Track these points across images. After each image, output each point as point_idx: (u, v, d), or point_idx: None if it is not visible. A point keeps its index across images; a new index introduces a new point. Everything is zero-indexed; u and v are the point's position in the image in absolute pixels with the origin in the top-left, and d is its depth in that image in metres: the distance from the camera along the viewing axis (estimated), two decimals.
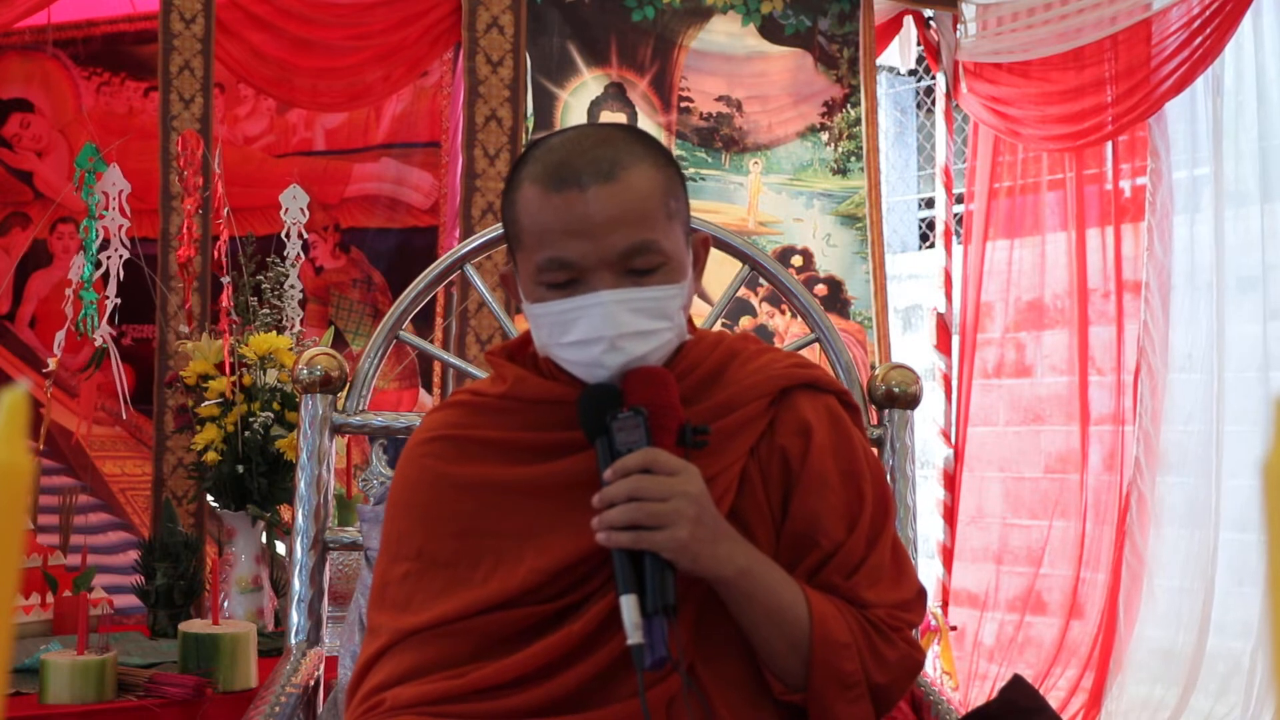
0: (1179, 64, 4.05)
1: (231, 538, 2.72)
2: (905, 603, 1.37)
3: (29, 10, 3.43)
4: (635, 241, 1.29)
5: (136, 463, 3.65)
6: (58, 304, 3.69)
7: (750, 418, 1.36)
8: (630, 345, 1.30)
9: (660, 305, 1.31)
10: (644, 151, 1.34)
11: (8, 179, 3.78)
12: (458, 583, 1.34)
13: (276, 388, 2.68)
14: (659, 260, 1.31)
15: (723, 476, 1.33)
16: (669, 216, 1.33)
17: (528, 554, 1.33)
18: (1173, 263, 4.21)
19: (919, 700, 1.66)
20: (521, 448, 1.38)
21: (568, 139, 1.36)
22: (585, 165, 1.30)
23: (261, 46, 3.62)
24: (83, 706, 2.10)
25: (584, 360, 1.31)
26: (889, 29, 4.50)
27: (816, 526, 1.35)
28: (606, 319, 1.29)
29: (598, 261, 1.29)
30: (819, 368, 1.46)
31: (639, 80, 4.06)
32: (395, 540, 1.41)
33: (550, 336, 1.33)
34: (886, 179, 5.01)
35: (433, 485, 1.40)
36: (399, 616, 1.35)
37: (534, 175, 1.32)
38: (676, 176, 1.36)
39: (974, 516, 4.63)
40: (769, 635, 1.30)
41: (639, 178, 1.31)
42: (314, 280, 3.90)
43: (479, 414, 1.41)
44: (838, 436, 1.39)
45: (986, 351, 4.65)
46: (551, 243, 1.30)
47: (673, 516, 1.24)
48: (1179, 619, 4.09)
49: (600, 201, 1.29)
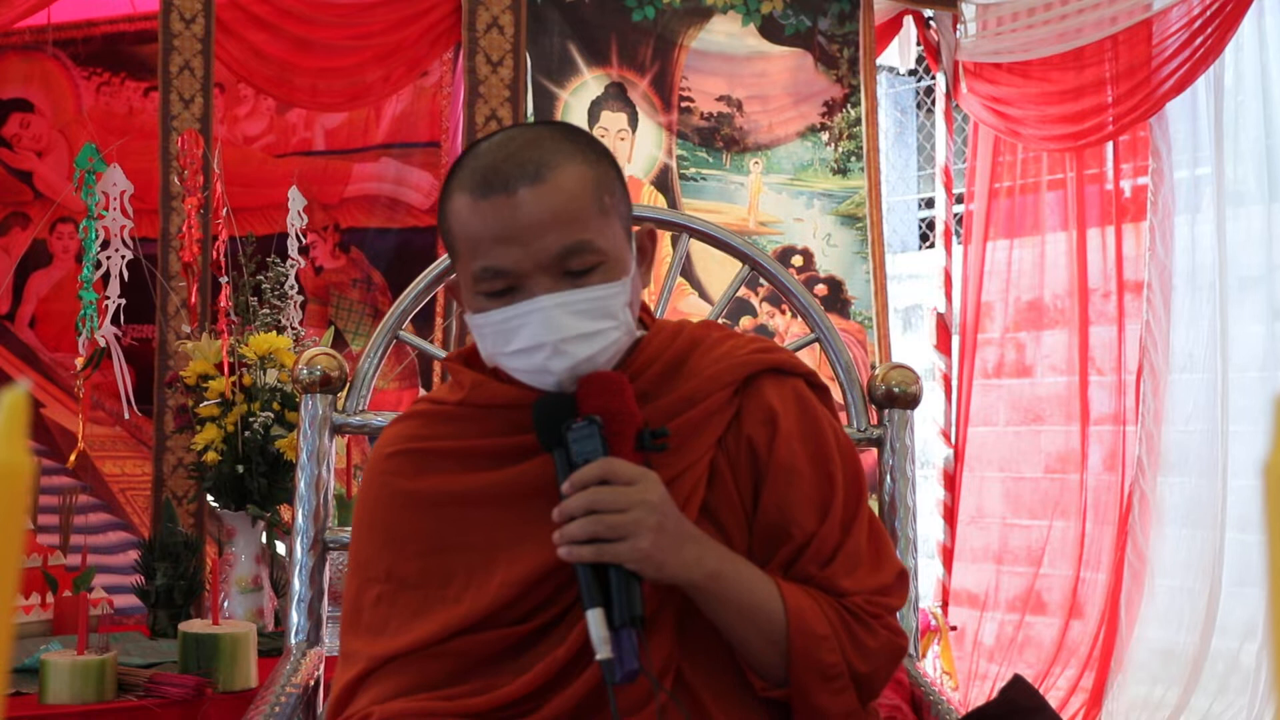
0: (1180, 64, 4.04)
1: (231, 538, 2.71)
2: (885, 587, 1.34)
3: (29, 10, 3.43)
4: (569, 243, 1.26)
5: (136, 463, 3.65)
6: (58, 304, 3.69)
7: (715, 408, 1.33)
8: (575, 348, 1.26)
9: (602, 305, 1.27)
10: (573, 149, 1.30)
11: (8, 179, 3.78)
12: (431, 602, 1.32)
13: (276, 388, 2.68)
14: (596, 259, 1.27)
15: (691, 471, 1.31)
16: (603, 213, 1.29)
17: (498, 567, 1.30)
18: (1174, 263, 4.21)
19: (919, 700, 1.66)
20: (481, 454, 1.35)
21: (495, 143, 1.31)
22: (512, 169, 1.26)
23: (261, 46, 3.61)
24: (83, 706, 2.10)
25: (530, 368, 1.28)
26: (889, 29, 4.50)
27: (788, 517, 1.32)
28: (547, 324, 1.25)
29: (533, 266, 1.25)
30: (784, 350, 1.42)
31: (639, 80, 4.06)
32: (364, 562, 1.38)
33: (494, 346, 1.30)
34: (886, 179, 5.00)
35: (395, 504, 1.37)
36: (375, 642, 1.32)
37: (463, 183, 1.29)
38: (611, 172, 1.32)
39: (974, 516, 4.63)
40: (746, 634, 1.29)
41: (568, 177, 1.27)
42: (314, 280, 3.90)
43: (438, 423, 1.39)
44: (805, 421, 1.36)
45: (986, 351, 4.65)
46: (485, 251, 1.27)
47: (633, 527, 1.21)
48: (1180, 619, 4.09)
49: (529, 205, 1.25)
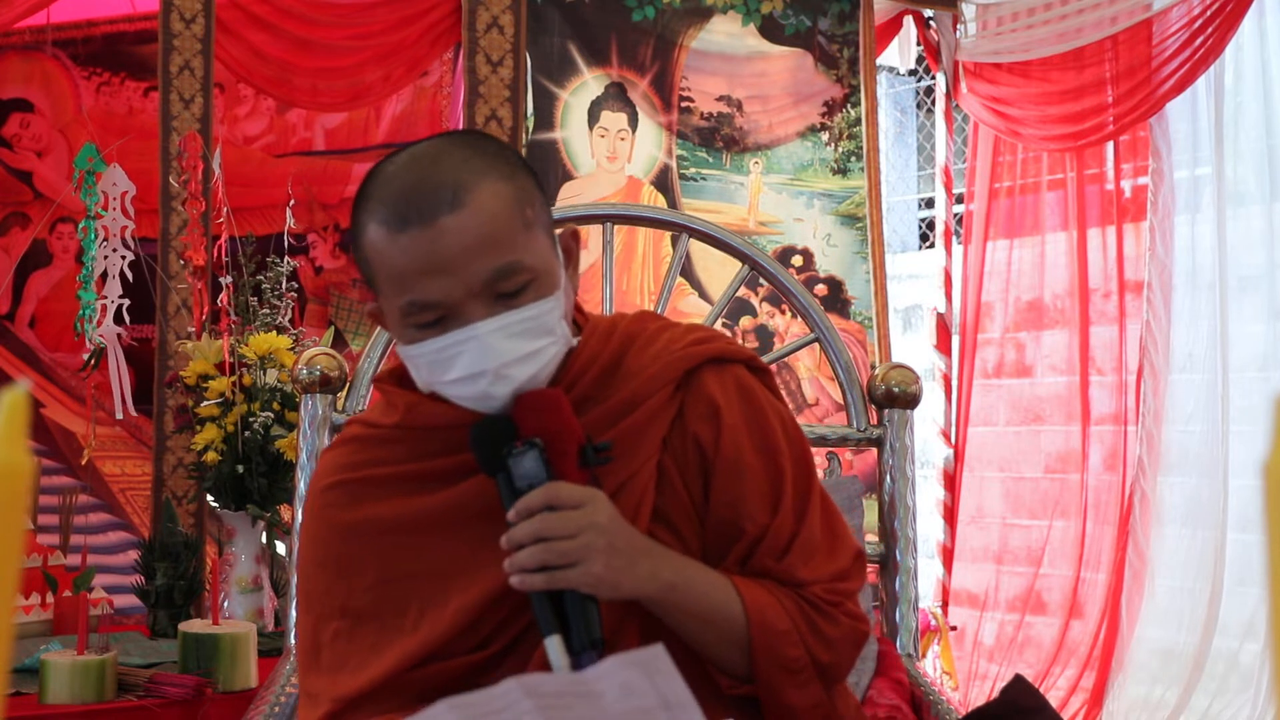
0: (1180, 64, 4.04)
1: (231, 538, 2.71)
2: (843, 572, 1.32)
3: (29, 10, 3.43)
4: (498, 265, 1.21)
5: (136, 463, 3.65)
6: (58, 304, 3.69)
7: (657, 409, 1.30)
8: (516, 371, 1.22)
9: (539, 323, 1.23)
10: (487, 165, 1.24)
11: (8, 179, 3.78)
12: (389, 633, 1.29)
13: (276, 388, 2.68)
14: (527, 278, 1.23)
15: (638, 476, 1.29)
16: (527, 228, 1.24)
17: (453, 593, 1.27)
18: (1174, 262, 4.21)
19: (919, 700, 1.66)
20: (423, 478, 1.31)
21: (402, 165, 1.24)
22: (427, 196, 1.20)
23: (261, 46, 3.61)
24: (83, 706, 2.10)
25: (471, 395, 1.24)
26: (889, 29, 4.50)
27: (740, 512, 1.30)
28: (485, 352, 1.21)
29: (464, 294, 1.20)
30: (722, 336, 1.39)
31: (639, 80, 4.06)
32: (316, 598, 1.34)
33: (431, 375, 1.25)
34: (886, 179, 5.00)
35: (339, 537, 1.33)
36: (336, 681, 1.29)
37: (376, 215, 1.22)
38: (528, 182, 1.27)
39: (974, 516, 4.63)
40: (707, 639, 1.28)
41: (487, 196, 1.21)
42: (314, 280, 3.90)
43: (373, 447, 1.35)
44: (749, 412, 1.33)
45: (986, 351, 4.65)
46: (410, 285, 1.21)
47: (583, 552, 1.18)
48: (1180, 619, 4.09)
49: (451, 233, 1.19)
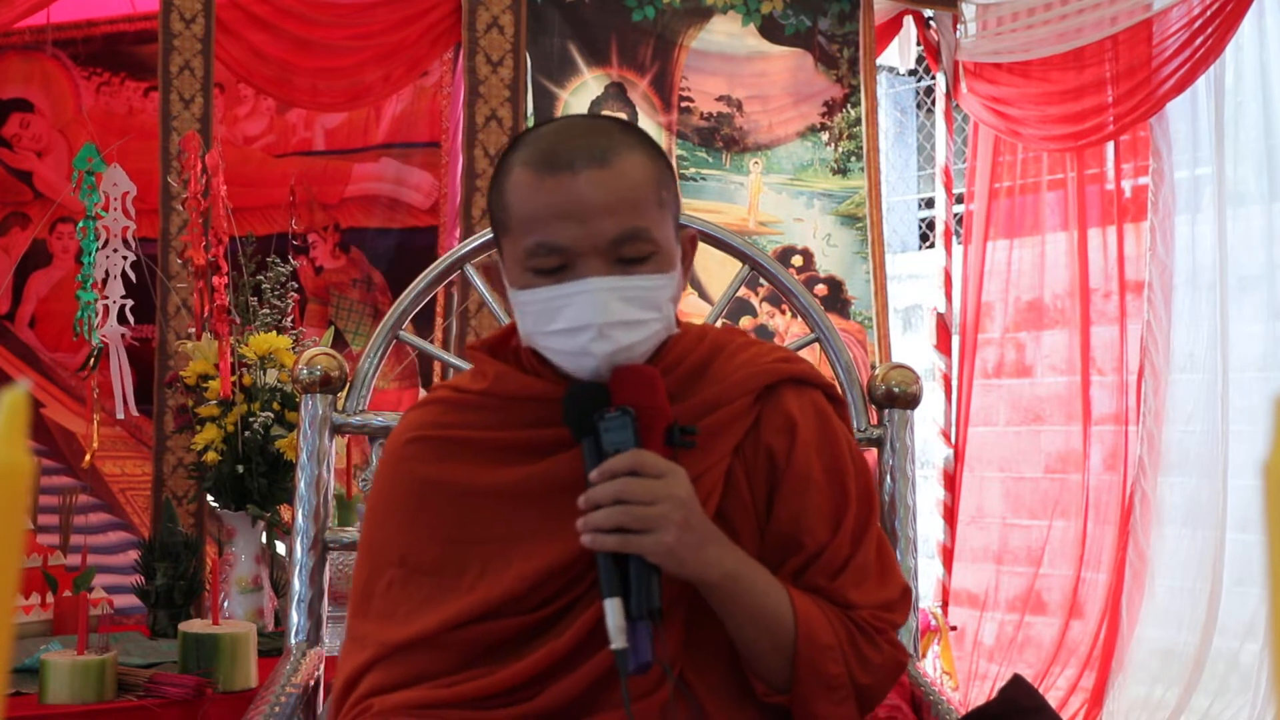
0: (1180, 64, 4.04)
1: (231, 538, 2.71)
2: (890, 603, 1.35)
3: (29, 10, 3.43)
4: (627, 228, 1.26)
5: (136, 463, 3.65)
6: (58, 304, 3.69)
7: (736, 415, 1.34)
8: (618, 334, 1.26)
9: (650, 295, 1.28)
10: (636, 141, 1.32)
11: (8, 179, 3.78)
12: (443, 590, 1.32)
13: (276, 388, 2.68)
14: (649, 249, 1.28)
15: (708, 476, 1.31)
16: (660, 206, 1.30)
17: (515, 559, 1.30)
18: (1175, 262, 4.21)
19: (919, 700, 1.66)
20: (503, 448, 1.34)
21: (559, 126, 1.34)
22: (579, 150, 1.27)
23: (261, 46, 3.61)
24: (83, 706, 2.10)
25: (570, 349, 1.28)
26: (889, 29, 4.50)
27: (801, 527, 1.33)
28: (595, 306, 1.25)
29: (588, 247, 1.26)
30: (805, 362, 1.43)
31: (639, 80, 4.06)
32: (378, 547, 1.38)
33: (536, 324, 1.29)
34: (886, 179, 5.00)
35: (414, 489, 1.36)
36: (385, 627, 1.32)
37: (525, 159, 1.29)
38: (667, 169, 1.34)
39: (974, 516, 4.63)
40: (753, 637, 1.29)
41: (632, 165, 1.28)
42: (314, 280, 3.90)
43: (459, 411, 1.38)
44: (823, 433, 1.36)
45: (986, 351, 4.65)
46: (541, 227, 1.27)
47: (659, 520, 1.21)
48: (1180, 619, 4.09)
49: (593, 185, 1.26)
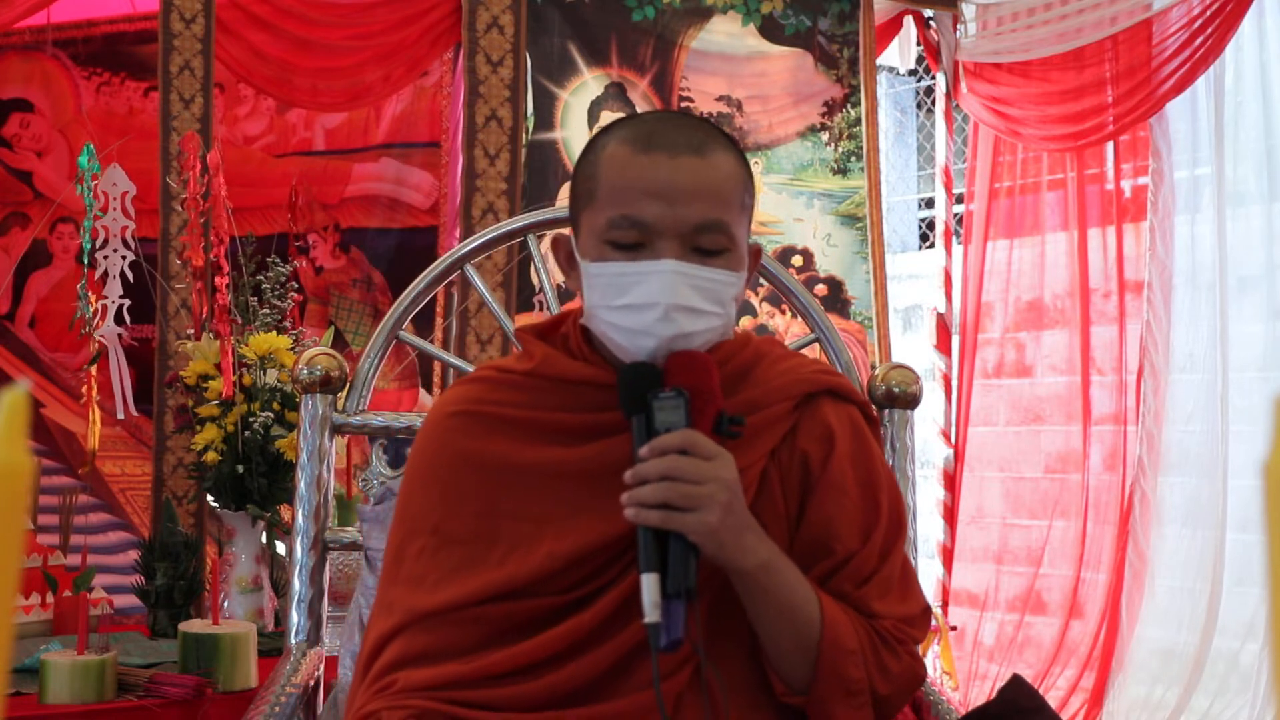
0: (1180, 64, 4.04)
1: (231, 538, 2.71)
2: (911, 618, 1.37)
3: (29, 10, 3.43)
4: (710, 218, 1.30)
5: (136, 463, 3.65)
6: (58, 304, 3.69)
7: (775, 419, 1.36)
8: (682, 319, 1.29)
9: (718, 289, 1.31)
10: (729, 144, 1.37)
11: (8, 179, 3.78)
12: (473, 561, 1.33)
13: (276, 388, 2.68)
14: (726, 244, 1.31)
15: (743, 475, 1.32)
16: (742, 209, 1.35)
17: (546, 538, 1.32)
18: (1174, 262, 4.21)
19: (919, 700, 1.66)
20: (545, 429, 1.36)
21: (661, 115, 1.44)
22: (679, 137, 1.32)
23: (261, 46, 3.61)
24: (83, 706, 2.10)
25: (633, 325, 1.30)
26: (889, 29, 4.50)
27: (832, 533, 1.35)
28: (666, 286, 1.28)
29: (670, 228, 1.29)
30: (844, 377, 1.46)
31: (639, 80, 4.06)
32: (413, 515, 1.39)
33: (603, 298, 1.32)
34: (886, 179, 5.00)
35: (453, 461, 1.38)
36: (413, 594, 1.34)
37: (625, 137, 1.34)
38: (751, 179, 1.39)
39: (974, 516, 4.63)
40: (779, 632, 1.30)
41: (725, 162, 1.33)
42: (314, 280, 3.90)
43: (504, 390, 1.40)
44: (859, 446, 1.39)
45: (986, 351, 4.65)
46: (629, 201, 1.30)
47: (705, 500, 1.23)
48: (1180, 619, 4.09)
49: (686, 170, 1.30)
